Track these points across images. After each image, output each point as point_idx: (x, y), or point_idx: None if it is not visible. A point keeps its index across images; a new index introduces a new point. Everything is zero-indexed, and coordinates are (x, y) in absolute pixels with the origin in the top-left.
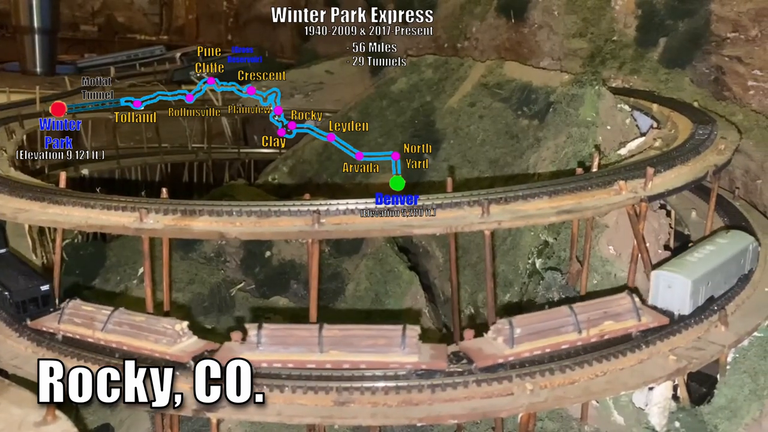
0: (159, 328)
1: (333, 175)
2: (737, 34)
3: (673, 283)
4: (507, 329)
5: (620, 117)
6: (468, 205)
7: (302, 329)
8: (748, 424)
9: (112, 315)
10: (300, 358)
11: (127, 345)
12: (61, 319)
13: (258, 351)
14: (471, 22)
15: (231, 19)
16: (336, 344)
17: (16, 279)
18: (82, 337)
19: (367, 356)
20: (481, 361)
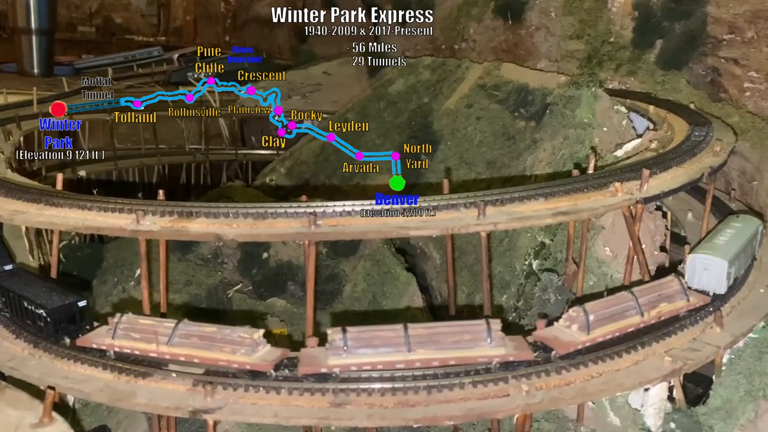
0: (235, 338)
1: (330, 176)
2: (733, 36)
3: (710, 265)
4: (582, 316)
5: (617, 119)
6: (464, 207)
7: (387, 330)
8: (744, 425)
9: (177, 327)
10: (389, 359)
11: (198, 357)
12: (115, 334)
13: (345, 355)
14: (468, 23)
15: (228, 20)
16: (423, 343)
17: (48, 295)
18: (143, 353)
19: (454, 353)
20: (560, 348)
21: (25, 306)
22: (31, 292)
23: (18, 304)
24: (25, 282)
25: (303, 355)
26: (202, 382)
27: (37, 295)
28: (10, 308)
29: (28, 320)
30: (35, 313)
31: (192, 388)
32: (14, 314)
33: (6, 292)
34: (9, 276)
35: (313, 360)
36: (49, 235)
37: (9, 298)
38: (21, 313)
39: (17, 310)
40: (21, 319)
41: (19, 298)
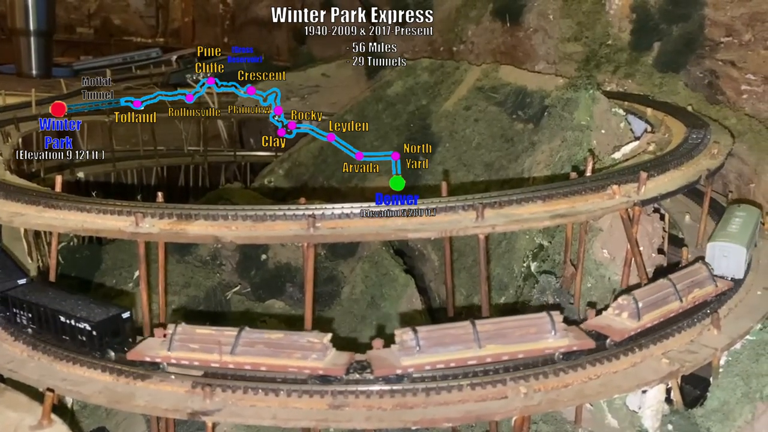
0: (304, 343)
1: (329, 178)
2: (731, 39)
3: (729, 251)
4: (632, 304)
5: (614, 121)
6: (462, 209)
7: (456, 327)
8: (741, 426)
9: (240, 335)
10: (461, 356)
11: (266, 365)
12: (171, 346)
13: (419, 355)
14: (467, 25)
15: (227, 21)
16: (491, 338)
17: (88, 308)
18: (203, 364)
19: (522, 346)
20: (615, 335)
21: (62, 321)
22: (66, 305)
23: (51, 319)
24: (53, 295)
25: (373, 357)
26: (200, 384)
27: (74, 308)
28: (39, 324)
29: (65, 336)
30: (76, 327)
31: (191, 390)
32: (44, 330)
33: (34, 307)
34: (29, 290)
35: (386, 362)
36: (47, 237)
37: (38, 313)
38: (55, 329)
39: (50, 326)
40: (55, 334)
41: (54, 312)
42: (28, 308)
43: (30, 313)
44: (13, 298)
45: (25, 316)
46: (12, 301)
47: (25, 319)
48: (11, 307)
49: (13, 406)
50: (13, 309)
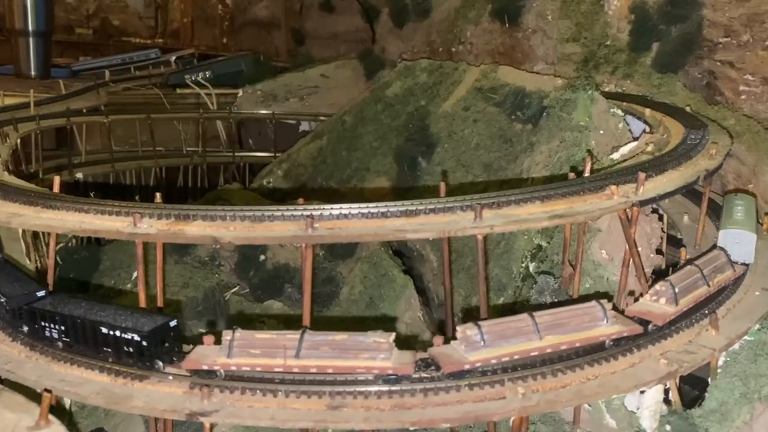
0: (371, 344)
1: (328, 178)
2: (729, 39)
3: (740, 238)
4: (669, 290)
5: (613, 121)
6: (461, 210)
7: (515, 320)
8: (739, 427)
9: (303, 338)
10: (523, 348)
11: (333, 367)
12: (231, 353)
13: (484, 349)
14: (465, 26)
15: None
16: (549, 329)
17: (132, 318)
18: (266, 369)
19: (579, 335)
20: (657, 320)
21: (105, 332)
22: (106, 316)
23: (90, 331)
24: (87, 306)
25: (438, 354)
26: (198, 384)
27: (117, 318)
28: (74, 336)
29: (107, 348)
30: (121, 338)
31: (189, 391)
32: (80, 343)
33: (69, 319)
34: (58, 302)
35: (452, 358)
36: (46, 238)
37: (73, 325)
38: (94, 341)
39: (87, 338)
40: (93, 347)
41: (94, 324)
42: (61, 321)
43: (63, 326)
44: (42, 311)
45: (56, 329)
46: (40, 314)
47: (56, 332)
48: (39, 321)
49: (10, 407)
50: (41, 323)
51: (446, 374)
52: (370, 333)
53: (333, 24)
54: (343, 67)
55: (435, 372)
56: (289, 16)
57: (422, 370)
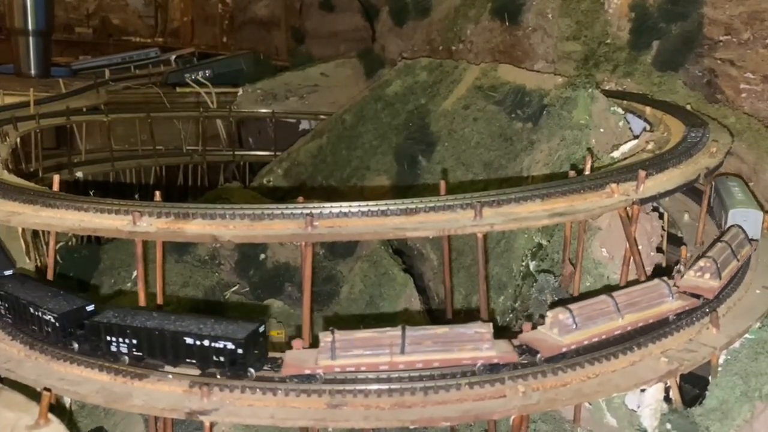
0: (473, 335)
1: (328, 177)
2: (730, 37)
3: (748, 216)
4: (713, 266)
5: (613, 120)
6: (461, 208)
7: (598, 302)
8: (740, 425)
9: (405, 334)
10: (608, 328)
11: (438, 361)
12: (334, 354)
13: (576, 332)
14: (465, 25)
15: (226, 21)
16: (627, 308)
17: (220, 326)
18: (371, 368)
19: (651, 312)
20: (707, 293)
21: (190, 343)
22: (190, 325)
23: (170, 343)
24: (160, 317)
25: (532, 340)
26: (198, 383)
27: (203, 328)
28: (147, 348)
29: (191, 358)
30: (212, 347)
31: (188, 390)
32: (153, 354)
33: (143, 332)
34: (126, 315)
35: (547, 343)
36: (45, 237)
37: (150, 337)
38: (175, 352)
39: (167, 350)
40: (174, 358)
41: (175, 335)
42: (132, 334)
43: (134, 339)
44: (108, 326)
45: (124, 343)
46: (105, 328)
47: (124, 346)
48: (104, 335)
49: (10, 406)
50: (107, 337)
51: (544, 359)
52: (470, 324)
53: (333, 23)
54: (343, 65)
55: (532, 357)
56: (289, 14)
57: (525, 355)
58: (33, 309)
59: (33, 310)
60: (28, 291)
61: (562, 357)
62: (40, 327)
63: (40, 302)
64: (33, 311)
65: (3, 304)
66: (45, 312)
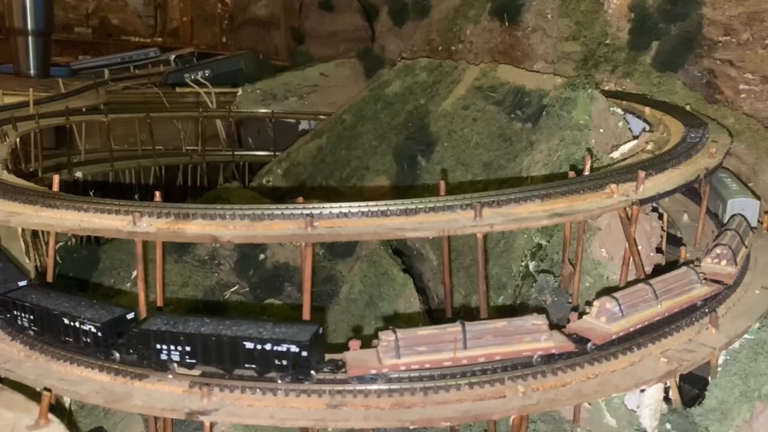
0: (530, 327)
1: (327, 177)
2: (729, 38)
3: (747, 205)
4: (729, 253)
5: (613, 120)
6: (461, 209)
7: (638, 290)
8: (739, 425)
9: (466, 330)
10: (648, 314)
11: (500, 354)
12: (398, 353)
13: (622, 320)
14: (465, 25)
15: (225, 21)
16: (664, 294)
17: (280, 330)
18: (435, 364)
19: (684, 297)
20: (726, 279)
21: (250, 347)
22: (248, 330)
23: (229, 348)
24: (216, 323)
25: (581, 330)
26: (198, 383)
27: (263, 332)
28: (204, 356)
29: (251, 363)
30: (274, 351)
31: (188, 390)
32: (213, 362)
33: (199, 338)
34: (173, 322)
35: (598, 330)
36: (45, 237)
37: (206, 344)
38: (234, 358)
39: (225, 356)
40: (232, 364)
41: (234, 340)
42: (187, 341)
43: (188, 347)
44: (158, 333)
45: (177, 351)
46: (158, 336)
47: (177, 354)
48: (153, 343)
49: (9, 406)
50: (156, 345)
51: (596, 346)
52: (526, 317)
53: (332, 23)
54: (342, 65)
55: (583, 345)
56: (289, 14)
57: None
58: (69, 320)
59: (69, 321)
60: (57, 301)
61: (611, 345)
62: (76, 338)
63: (76, 312)
64: (69, 322)
65: (27, 315)
66: (84, 322)
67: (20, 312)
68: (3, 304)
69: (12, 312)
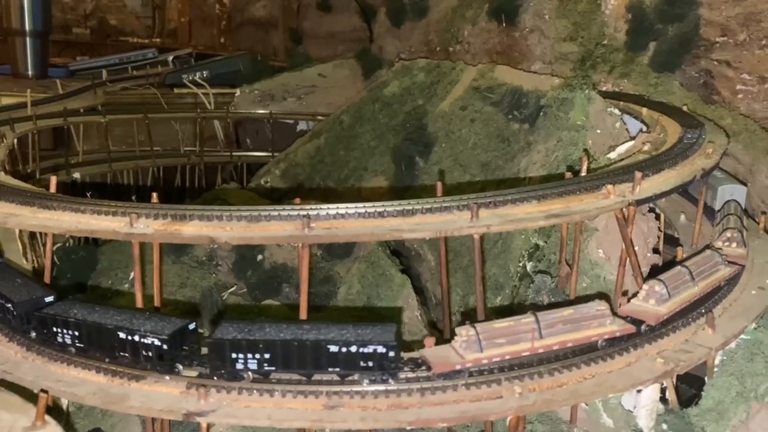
0: (595, 313)
1: (325, 178)
2: (726, 39)
3: (735, 191)
4: (738, 236)
5: (610, 121)
6: (457, 209)
7: (676, 273)
8: (735, 426)
9: (539, 319)
10: (688, 296)
11: (571, 341)
12: (481, 347)
13: (669, 302)
14: (463, 26)
15: (224, 22)
16: (698, 276)
17: (360, 332)
18: (513, 356)
19: (712, 279)
20: (740, 260)
21: (334, 351)
22: (330, 333)
23: (312, 353)
24: (293, 328)
25: (634, 312)
26: (195, 384)
27: (346, 334)
28: (284, 361)
29: (334, 367)
30: (360, 353)
31: (185, 391)
32: (294, 366)
33: (285, 344)
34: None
35: (649, 312)
36: (43, 238)
37: (290, 348)
38: (317, 361)
39: (308, 359)
40: (314, 368)
41: (317, 344)
42: (266, 348)
43: (267, 353)
44: (242, 342)
45: (255, 359)
46: (234, 345)
47: (254, 362)
48: (228, 352)
49: (6, 408)
50: (232, 354)
51: (650, 327)
52: (590, 303)
53: (330, 23)
54: (340, 66)
55: (638, 327)
56: (287, 15)
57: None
58: (126, 334)
59: (126, 335)
60: (105, 315)
61: (660, 327)
62: (134, 353)
63: (134, 326)
64: (126, 336)
65: (70, 332)
66: (146, 335)
67: (62, 328)
68: (40, 321)
69: (51, 329)
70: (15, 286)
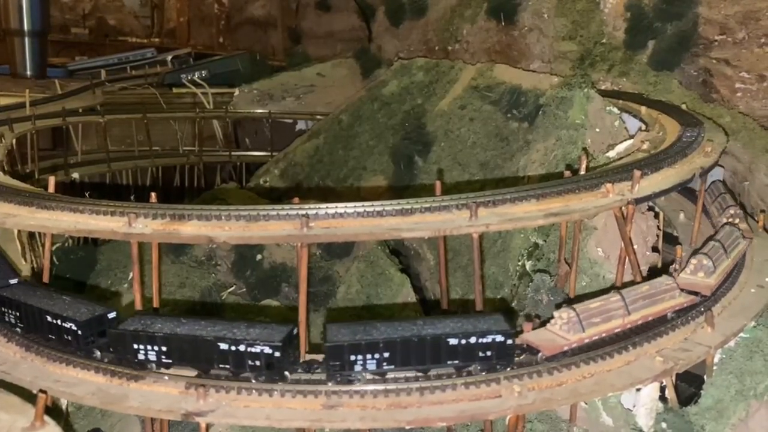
0: (667, 288)
1: (325, 177)
2: (725, 37)
3: (714, 172)
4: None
5: (609, 119)
6: (456, 209)
7: (703, 258)
8: (735, 424)
9: (624, 296)
10: (722, 267)
11: (652, 314)
12: (584, 327)
13: (710, 278)
14: (462, 25)
15: (222, 21)
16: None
17: (474, 324)
18: (608, 333)
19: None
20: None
21: (454, 344)
22: (445, 327)
23: (433, 346)
24: (406, 325)
25: (691, 285)
26: (194, 384)
27: (462, 326)
28: (402, 358)
29: (453, 359)
30: (478, 344)
31: (184, 391)
32: (414, 362)
33: (405, 341)
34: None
35: (700, 285)
36: (41, 238)
37: (410, 345)
38: (436, 355)
39: (427, 354)
40: (432, 362)
41: (437, 338)
42: (386, 347)
43: (387, 352)
44: (361, 345)
45: (374, 359)
46: (352, 348)
47: (373, 363)
48: (347, 356)
49: (5, 408)
50: (350, 357)
51: (705, 297)
52: (659, 279)
53: (329, 23)
54: (339, 65)
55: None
56: (286, 15)
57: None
58: (229, 344)
59: (229, 346)
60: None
61: (713, 295)
62: (238, 364)
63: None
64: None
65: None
66: (254, 343)
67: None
68: (116, 339)
69: (130, 346)
70: (64, 304)
